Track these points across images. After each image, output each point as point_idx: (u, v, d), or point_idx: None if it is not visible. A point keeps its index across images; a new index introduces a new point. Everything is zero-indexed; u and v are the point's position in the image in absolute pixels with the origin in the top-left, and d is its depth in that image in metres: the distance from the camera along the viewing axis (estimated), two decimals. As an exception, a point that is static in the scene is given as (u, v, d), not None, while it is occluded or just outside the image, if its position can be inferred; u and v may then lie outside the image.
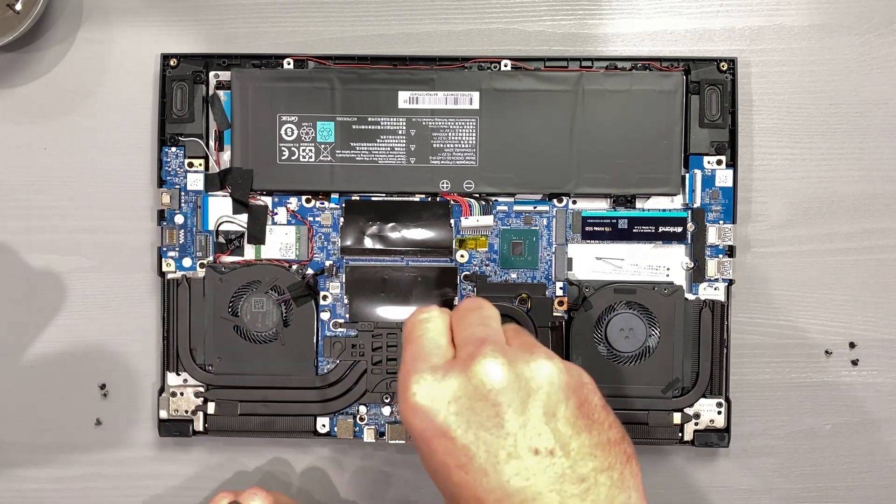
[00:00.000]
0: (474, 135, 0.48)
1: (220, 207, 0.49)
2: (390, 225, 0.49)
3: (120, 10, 0.50)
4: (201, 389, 0.49)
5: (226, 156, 0.49)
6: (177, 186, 0.49)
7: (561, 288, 0.49)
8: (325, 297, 0.49)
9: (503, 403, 0.32)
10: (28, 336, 0.50)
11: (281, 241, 0.49)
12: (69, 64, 0.50)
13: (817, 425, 0.50)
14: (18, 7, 0.48)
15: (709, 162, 0.48)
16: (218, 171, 0.49)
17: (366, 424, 0.49)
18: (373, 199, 0.49)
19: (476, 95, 0.48)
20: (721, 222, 0.48)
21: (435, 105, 0.48)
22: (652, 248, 0.49)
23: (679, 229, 0.48)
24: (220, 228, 0.49)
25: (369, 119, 0.48)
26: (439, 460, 0.33)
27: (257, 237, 0.49)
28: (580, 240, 0.49)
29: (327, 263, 0.49)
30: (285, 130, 0.48)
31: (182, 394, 0.49)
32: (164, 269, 0.49)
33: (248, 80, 0.48)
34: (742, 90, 0.49)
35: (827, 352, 0.50)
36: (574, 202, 0.49)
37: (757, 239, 0.50)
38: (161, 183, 0.49)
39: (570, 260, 0.49)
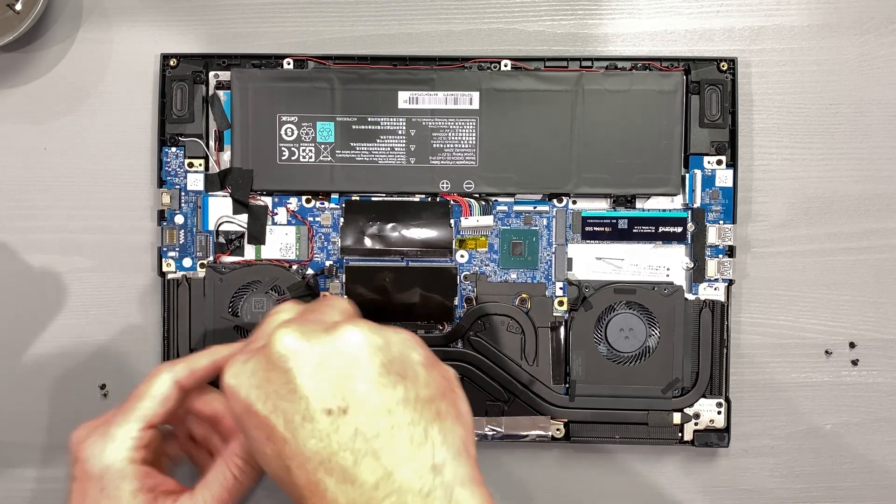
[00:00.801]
0: (474, 135, 0.48)
1: (220, 207, 0.49)
2: (390, 225, 0.49)
3: (120, 10, 0.50)
4: (201, 389, 0.49)
5: (226, 156, 0.49)
6: (177, 186, 0.49)
7: (561, 288, 0.49)
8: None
9: (293, 369, 0.33)
10: (28, 336, 0.50)
11: (281, 242, 0.49)
12: (69, 64, 0.50)
13: (817, 425, 0.50)
14: (18, 7, 0.48)
15: (709, 162, 0.48)
16: (218, 171, 0.49)
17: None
18: (373, 199, 0.49)
19: (476, 95, 0.48)
20: (721, 222, 0.48)
21: (435, 105, 0.48)
22: (652, 248, 0.49)
23: (679, 229, 0.48)
24: (220, 228, 0.49)
25: (369, 119, 0.48)
26: (252, 437, 0.34)
27: (257, 237, 0.49)
28: (580, 240, 0.49)
29: (327, 263, 0.49)
30: (285, 130, 0.48)
31: (182, 394, 0.49)
32: (164, 269, 0.49)
33: (248, 80, 0.48)
34: (742, 90, 0.49)
35: (827, 352, 0.50)
36: (574, 202, 0.49)
37: (757, 239, 0.50)
38: (161, 183, 0.49)
39: (570, 260, 0.49)
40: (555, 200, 0.49)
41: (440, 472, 0.31)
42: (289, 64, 0.48)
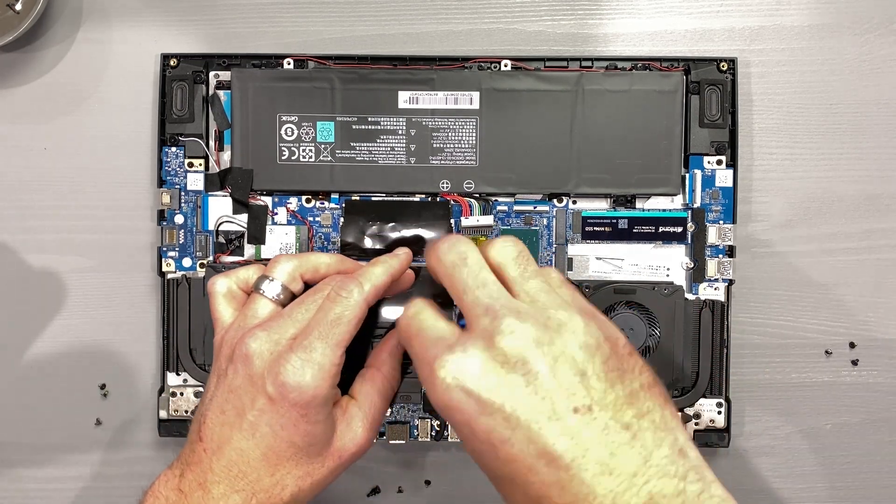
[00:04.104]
0: (474, 135, 0.48)
1: (220, 207, 0.49)
2: (390, 225, 0.49)
3: (120, 10, 0.50)
4: (201, 389, 0.49)
5: (226, 156, 0.49)
6: (177, 186, 0.49)
7: (561, 288, 0.49)
8: (325, 297, 0.49)
9: (533, 370, 0.32)
10: (28, 336, 0.50)
11: (281, 241, 0.49)
12: (69, 64, 0.50)
13: (817, 425, 0.50)
14: (18, 7, 0.48)
15: (709, 162, 0.48)
16: (218, 171, 0.49)
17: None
18: (373, 199, 0.49)
19: (476, 95, 0.48)
20: (721, 222, 0.48)
21: (435, 105, 0.48)
22: (652, 248, 0.49)
23: (679, 229, 0.48)
24: (220, 228, 0.49)
25: (369, 119, 0.48)
26: (483, 440, 0.32)
27: (257, 237, 0.49)
28: (580, 240, 0.49)
29: (327, 263, 0.49)
30: (285, 130, 0.48)
31: (182, 394, 0.49)
32: (164, 269, 0.49)
33: (248, 80, 0.48)
34: (742, 90, 0.49)
35: (827, 352, 0.50)
36: (574, 202, 0.49)
37: (757, 239, 0.50)
38: (161, 183, 0.49)
39: (570, 260, 0.49)
40: (555, 200, 0.49)
41: (685, 455, 0.32)
42: (289, 64, 0.48)
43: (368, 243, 0.49)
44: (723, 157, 0.48)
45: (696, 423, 0.48)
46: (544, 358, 0.32)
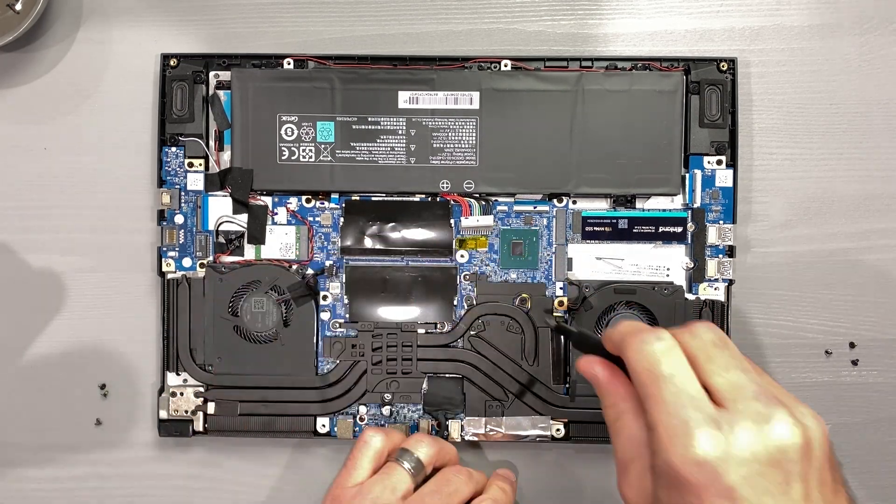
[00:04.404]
0: (474, 135, 0.48)
1: (220, 207, 0.49)
2: (390, 225, 0.49)
3: (120, 10, 0.50)
4: (201, 389, 0.49)
5: (226, 156, 0.49)
6: (177, 186, 0.49)
7: (561, 288, 0.49)
8: (325, 297, 0.49)
9: (793, 472, 0.31)
10: (28, 336, 0.50)
11: (281, 241, 0.49)
12: (69, 64, 0.50)
13: (817, 425, 0.50)
14: (18, 7, 0.48)
15: (709, 162, 0.48)
16: (218, 171, 0.49)
17: (366, 424, 0.49)
18: (373, 199, 0.49)
19: (476, 95, 0.48)
20: (721, 222, 0.48)
21: (435, 105, 0.48)
22: (652, 248, 0.49)
23: (679, 229, 0.48)
24: (220, 228, 0.49)
25: (369, 119, 0.48)
26: None
27: (257, 237, 0.49)
28: (580, 240, 0.49)
29: (327, 263, 0.49)
30: (285, 130, 0.48)
31: (182, 394, 0.49)
32: (164, 269, 0.49)
33: (248, 80, 0.48)
34: (742, 90, 0.49)
35: (827, 352, 0.50)
36: (574, 202, 0.49)
37: (757, 239, 0.50)
38: (161, 183, 0.49)
39: (570, 260, 0.49)
40: (555, 200, 0.49)
41: None
42: (289, 64, 0.48)
43: (368, 243, 0.49)
44: (723, 157, 0.48)
45: (696, 423, 0.48)
46: (802, 462, 0.31)
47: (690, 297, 0.48)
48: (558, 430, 0.48)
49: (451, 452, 0.47)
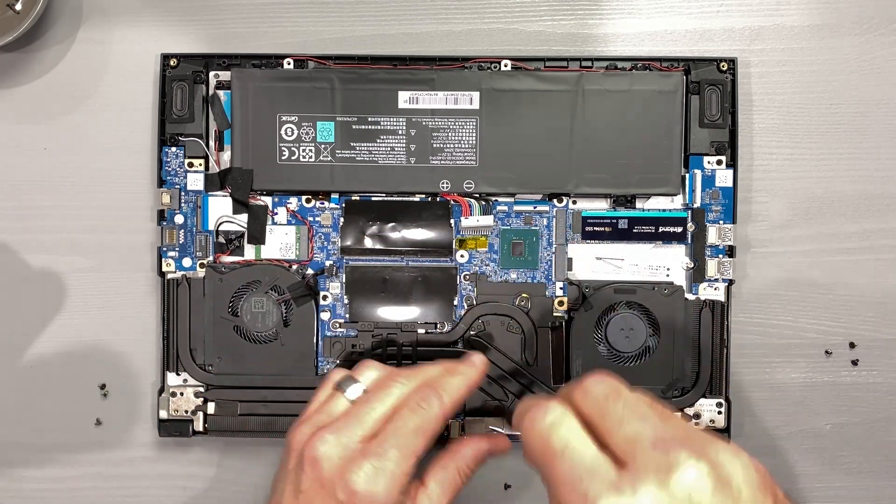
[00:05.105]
0: (474, 135, 0.48)
1: (220, 207, 0.49)
2: (390, 225, 0.49)
3: (120, 10, 0.50)
4: (201, 389, 0.49)
5: (226, 156, 0.49)
6: (177, 186, 0.49)
7: (561, 288, 0.49)
8: (325, 297, 0.49)
9: None
10: (28, 336, 0.50)
11: (281, 241, 0.49)
12: (69, 64, 0.50)
13: (817, 425, 0.50)
14: (18, 7, 0.48)
15: (709, 162, 0.48)
16: (218, 171, 0.49)
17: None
18: (373, 199, 0.49)
19: (476, 95, 0.48)
20: (721, 222, 0.48)
21: (435, 105, 0.48)
22: (652, 248, 0.49)
23: (679, 229, 0.48)
24: (220, 228, 0.49)
25: (369, 119, 0.48)
26: None
27: (257, 237, 0.49)
28: (580, 240, 0.49)
29: (327, 263, 0.49)
30: (285, 130, 0.48)
31: (182, 394, 0.49)
32: (164, 269, 0.49)
33: (248, 80, 0.48)
34: (742, 90, 0.49)
35: (827, 352, 0.50)
36: (574, 202, 0.49)
37: (757, 239, 0.50)
38: (161, 183, 0.49)
39: (570, 260, 0.49)
40: (555, 200, 0.49)
41: None
42: (289, 64, 0.48)
43: (368, 243, 0.49)
44: (723, 157, 0.48)
45: (697, 424, 0.48)
46: (723, 502, 0.29)
47: (690, 297, 0.48)
48: (558, 430, 0.48)
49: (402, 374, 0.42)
